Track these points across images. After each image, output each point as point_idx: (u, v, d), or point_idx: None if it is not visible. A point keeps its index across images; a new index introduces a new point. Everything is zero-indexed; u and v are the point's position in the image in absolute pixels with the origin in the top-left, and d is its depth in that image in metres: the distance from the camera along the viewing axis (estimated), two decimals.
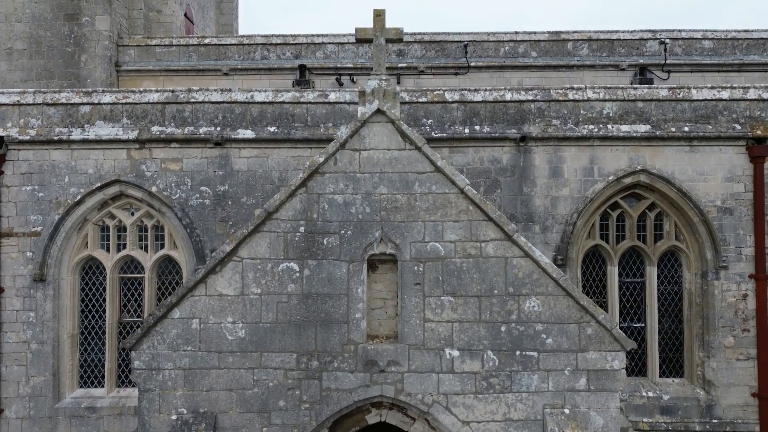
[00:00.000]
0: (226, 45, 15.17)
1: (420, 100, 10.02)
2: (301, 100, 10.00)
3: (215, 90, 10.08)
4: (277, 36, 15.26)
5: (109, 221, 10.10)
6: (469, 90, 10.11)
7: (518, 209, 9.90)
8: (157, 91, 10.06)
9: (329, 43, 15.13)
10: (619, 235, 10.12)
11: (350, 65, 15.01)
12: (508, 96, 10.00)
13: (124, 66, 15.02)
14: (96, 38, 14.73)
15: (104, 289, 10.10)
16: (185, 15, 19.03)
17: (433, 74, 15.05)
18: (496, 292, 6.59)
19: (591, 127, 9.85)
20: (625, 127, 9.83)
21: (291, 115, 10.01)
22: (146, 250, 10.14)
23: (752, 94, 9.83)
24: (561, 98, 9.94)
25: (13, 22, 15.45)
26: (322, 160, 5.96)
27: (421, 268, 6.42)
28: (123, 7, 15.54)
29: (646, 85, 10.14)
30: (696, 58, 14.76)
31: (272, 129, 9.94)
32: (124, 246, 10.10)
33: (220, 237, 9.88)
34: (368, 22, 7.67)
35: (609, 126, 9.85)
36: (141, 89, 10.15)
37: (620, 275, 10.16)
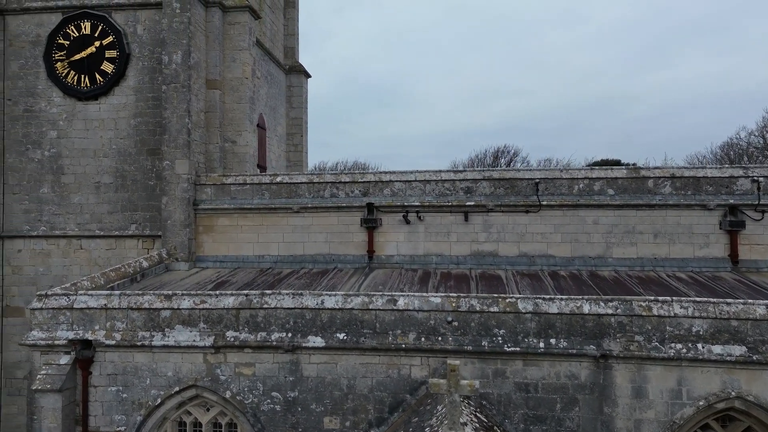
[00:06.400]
0: (297, 183, 15.47)
1: (492, 309, 9.73)
2: (370, 306, 9.97)
3: (287, 294, 10.25)
4: (346, 173, 15.44)
5: (185, 417, 10.46)
6: (544, 299, 9.71)
7: (598, 431, 9.37)
8: (231, 294, 10.34)
9: (396, 181, 15.10)
10: None
11: (417, 203, 14.91)
12: (586, 308, 9.51)
13: (201, 204, 15.65)
14: (175, 181, 15.46)
15: None
16: (258, 125, 19.70)
17: (502, 212, 14.67)
18: None
19: (679, 346, 9.19)
20: (717, 349, 9.10)
21: (360, 321, 9.99)
22: None
23: None
24: (644, 313, 9.35)
25: (101, 158, 16.52)
26: None
27: None
28: (201, 144, 16.24)
29: (741, 300, 9.33)
30: None
31: (341, 336, 9.96)
32: None
33: None
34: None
35: (699, 346, 9.15)
36: (218, 293, 10.47)
37: None
